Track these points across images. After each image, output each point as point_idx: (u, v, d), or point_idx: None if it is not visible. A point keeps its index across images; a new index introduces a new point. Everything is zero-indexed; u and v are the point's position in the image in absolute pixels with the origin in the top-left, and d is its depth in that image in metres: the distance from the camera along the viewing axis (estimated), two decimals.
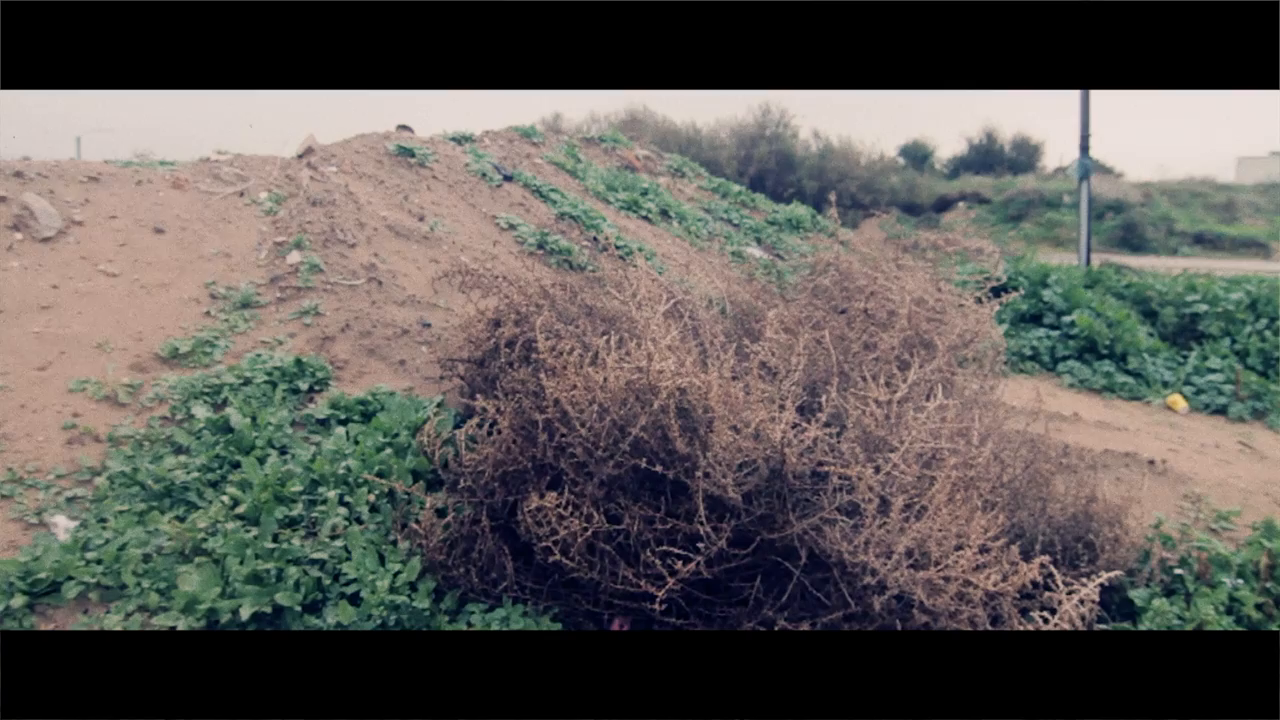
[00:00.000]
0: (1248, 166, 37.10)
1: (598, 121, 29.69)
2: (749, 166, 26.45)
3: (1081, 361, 6.51)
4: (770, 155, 26.97)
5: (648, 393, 2.78)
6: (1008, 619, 2.68)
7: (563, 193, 6.62)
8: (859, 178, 26.73)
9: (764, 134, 28.02)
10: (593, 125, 28.35)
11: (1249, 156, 39.32)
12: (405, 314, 4.47)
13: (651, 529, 2.86)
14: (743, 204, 9.10)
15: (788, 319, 3.45)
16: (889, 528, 2.60)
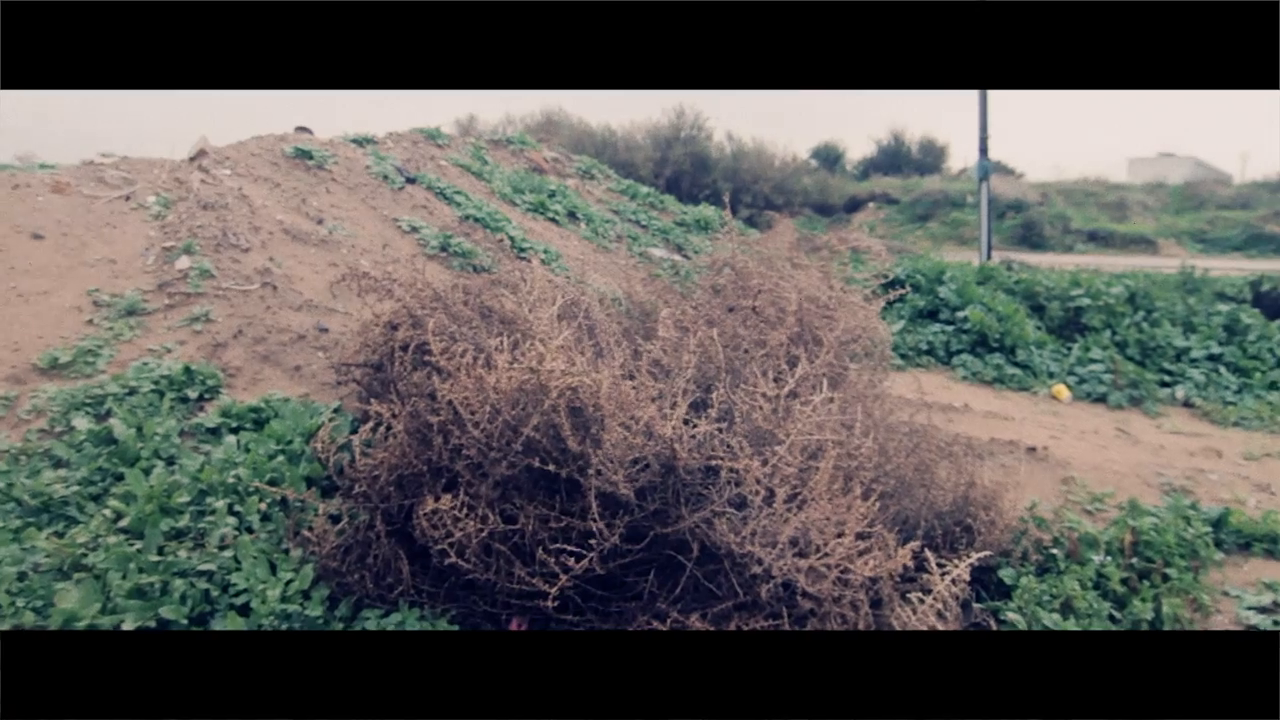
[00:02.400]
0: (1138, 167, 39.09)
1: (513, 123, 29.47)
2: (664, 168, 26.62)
3: (974, 355, 6.79)
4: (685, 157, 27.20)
5: (539, 393, 2.81)
6: (888, 602, 2.80)
7: (467, 195, 6.58)
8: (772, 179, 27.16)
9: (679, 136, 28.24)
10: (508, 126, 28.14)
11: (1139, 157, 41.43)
12: (301, 319, 4.40)
13: (547, 528, 2.89)
14: (651, 205, 9.18)
15: (681, 317, 3.52)
16: (774, 518, 2.69)
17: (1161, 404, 6.32)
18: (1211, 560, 3.67)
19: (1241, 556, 3.78)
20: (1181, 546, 3.56)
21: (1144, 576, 3.37)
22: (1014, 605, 2.94)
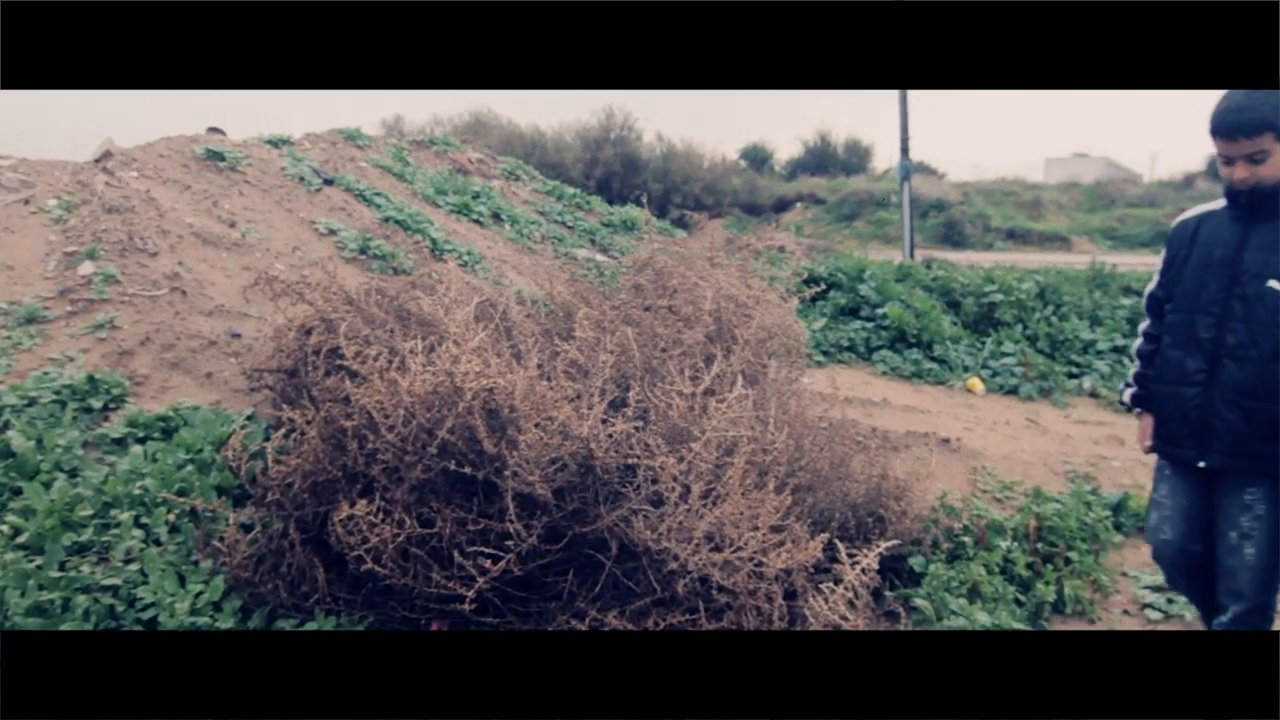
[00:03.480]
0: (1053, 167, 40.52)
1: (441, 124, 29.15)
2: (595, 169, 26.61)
3: (893, 350, 6.97)
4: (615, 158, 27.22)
5: (453, 395, 2.80)
6: (802, 593, 2.86)
7: (388, 196, 6.49)
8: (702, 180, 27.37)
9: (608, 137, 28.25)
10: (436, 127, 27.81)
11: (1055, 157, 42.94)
12: (213, 325, 4.29)
13: (465, 530, 2.88)
14: (578, 206, 9.18)
15: (600, 317, 3.53)
16: (690, 514, 2.72)
17: (1070, 395, 6.58)
18: (1111, 543, 3.84)
19: (1139, 538, 3.96)
20: (1083, 530, 3.72)
21: (1048, 560, 3.51)
22: (923, 592, 3.03)
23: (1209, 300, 2.41)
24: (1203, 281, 2.43)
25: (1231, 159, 2.32)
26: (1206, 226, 2.49)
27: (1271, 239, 2.32)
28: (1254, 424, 2.33)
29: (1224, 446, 2.40)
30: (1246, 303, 2.34)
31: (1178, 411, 2.49)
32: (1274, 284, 2.29)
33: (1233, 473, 2.41)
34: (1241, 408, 2.35)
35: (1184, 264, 2.52)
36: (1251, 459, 2.36)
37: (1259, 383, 2.31)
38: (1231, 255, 2.38)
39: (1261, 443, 2.33)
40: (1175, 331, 2.52)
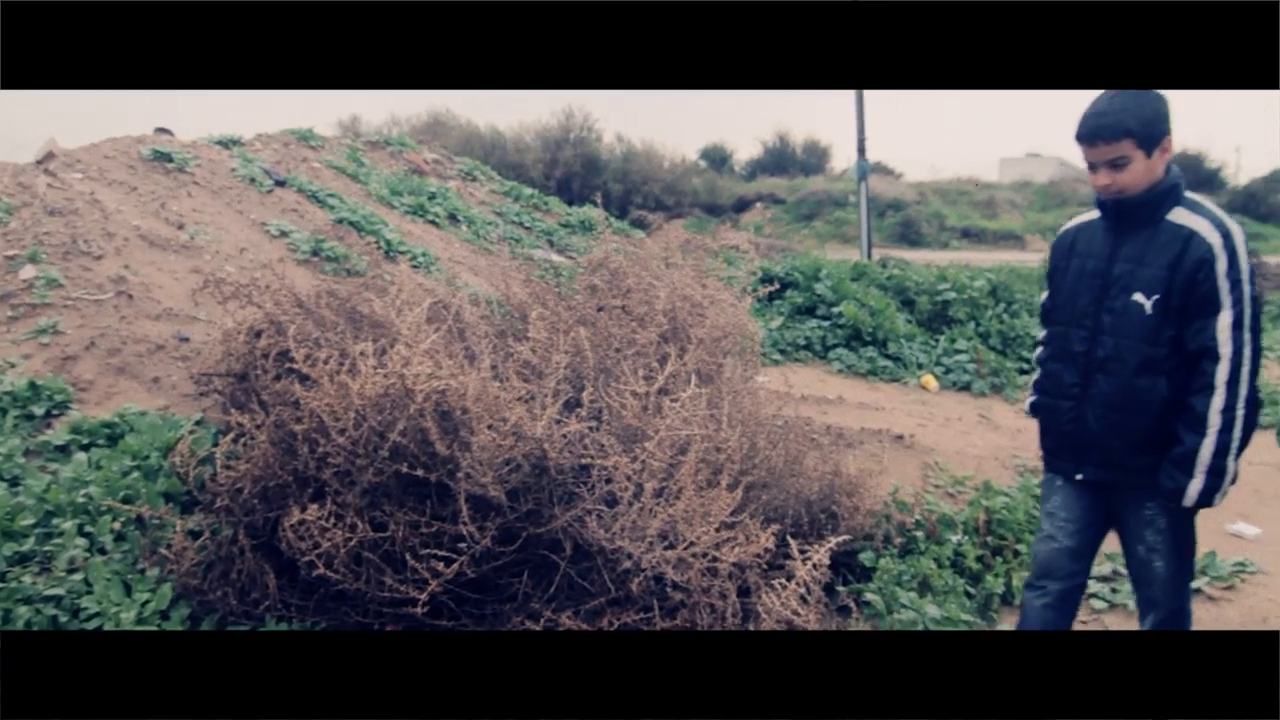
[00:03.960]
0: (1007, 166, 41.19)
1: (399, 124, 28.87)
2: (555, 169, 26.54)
3: (849, 349, 7.05)
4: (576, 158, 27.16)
5: (404, 397, 2.78)
6: (755, 590, 2.89)
7: (342, 198, 6.42)
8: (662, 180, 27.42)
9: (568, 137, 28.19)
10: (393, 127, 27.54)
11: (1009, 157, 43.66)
12: (160, 329, 4.21)
13: (418, 533, 2.86)
14: (535, 207, 9.16)
15: (554, 318, 3.53)
16: (643, 513, 2.73)
17: (1021, 390, 6.71)
18: None
19: None
20: (1031, 524, 3.79)
21: (997, 553, 3.58)
22: (874, 586, 3.07)
23: (1082, 313, 2.37)
24: (1077, 293, 2.39)
25: (1095, 165, 2.28)
26: (1083, 237, 2.45)
27: (1139, 251, 2.28)
28: (1123, 437, 2.30)
29: (1097, 459, 2.37)
30: (1115, 315, 2.30)
31: (1055, 424, 2.47)
32: (1139, 297, 2.25)
33: (1124, 487, 2.38)
34: (1110, 421, 2.32)
35: (1063, 275, 2.47)
36: (1124, 472, 2.33)
37: (1126, 396, 2.28)
38: (1103, 267, 2.34)
39: (1131, 456, 2.30)
40: (1054, 344, 2.49)
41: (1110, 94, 2.25)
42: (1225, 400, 2.16)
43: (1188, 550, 2.37)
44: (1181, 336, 2.22)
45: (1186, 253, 2.19)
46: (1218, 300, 2.16)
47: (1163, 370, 2.24)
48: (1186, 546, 2.37)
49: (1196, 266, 2.17)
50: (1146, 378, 2.25)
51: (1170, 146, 2.27)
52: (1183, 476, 2.21)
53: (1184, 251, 2.19)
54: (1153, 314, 2.23)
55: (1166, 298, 2.21)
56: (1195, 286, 2.18)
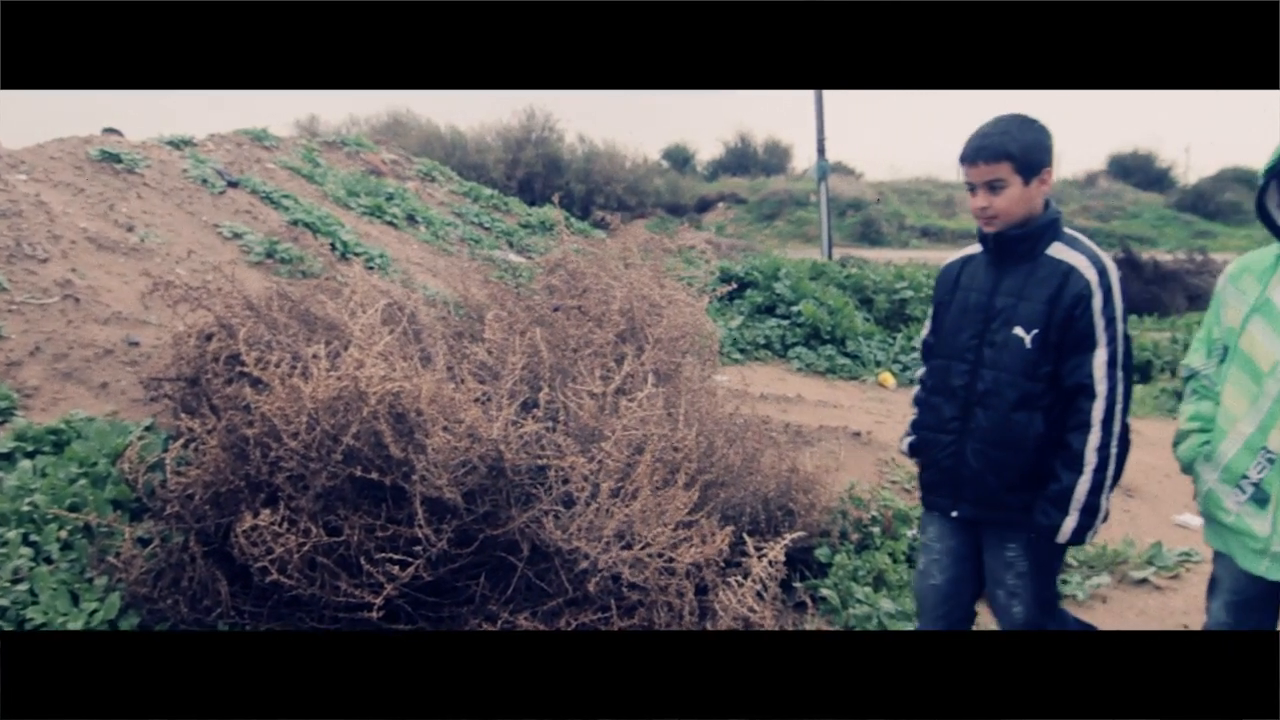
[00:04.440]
0: None
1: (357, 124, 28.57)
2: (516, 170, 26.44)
3: (808, 347, 7.12)
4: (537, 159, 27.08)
5: (357, 400, 2.75)
6: (712, 588, 2.90)
7: (297, 199, 6.33)
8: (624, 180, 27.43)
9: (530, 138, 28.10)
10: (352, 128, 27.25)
11: None
12: (109, 333, 4.13)
13: (373, 537, 2.83)
14: (495, 208, 9.11)
15: (511, 318, 3.52)
16: (600, 513, 2.74)
17: None
18: None
19: None
20: None
21: None
22: (830, 582, 3.11)
23: (963, 346, 2.33)
24: (960, 327, 2.35)
25: (973, 186, 2.27)
26: (968, 270, 2.41)
27: (1019, 285, 2.26)
28: (1000, 474, 2.27)
29: (973, 496, 2.33)
30: (995, 349, 2.27)
31: (934, 459, 2.42)
32: (1019, 331, 2.23)
33: (989, 524, 2.36)
34: (988, 457, 2.28)
35: (947, 310, 2.43)
36: (999, 509, 2.30)
37: (1004, 432, 2.25)
38: (985, 301, 2.31)
39: (1007, 492, 2.27)
40: (935, 378, 2.44)
41: (996, 118, 2.26)
42: (1101, 439, 2.16)
43: (1047, 594, 2.35)
44: (1058, 372, 2.21)
45: (1065, 288, 2.19)
46: (1094, 337, 2.17)
47: (1039, 406, 2.22)
48: (1046, 591, 2.35)
49: (1074, 302, 2.17)
50: (1024, 413, 2.23)
51: (1050, 180, 2.27)
52: (1058, 514, 2.20)
53: (1063, 287, 2.19)
54: (1032, 348, 2.21)
55: (1045, 332, 2.20)
56: (1073, 322, 2.18)
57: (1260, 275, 2.07)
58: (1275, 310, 2.02)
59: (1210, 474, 2.15)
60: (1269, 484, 2.00)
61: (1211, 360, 2.20)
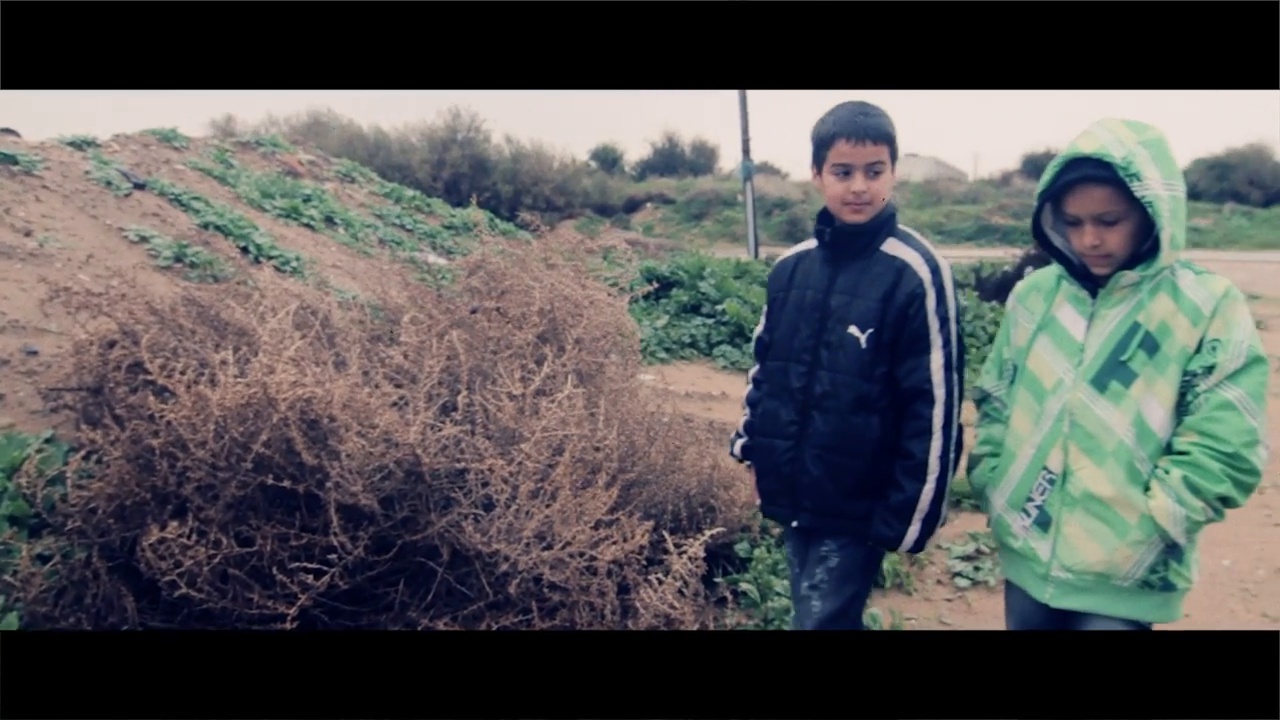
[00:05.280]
0: None
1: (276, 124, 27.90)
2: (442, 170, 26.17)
3: (732, 345, 7.20)
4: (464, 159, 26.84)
5: (267, 407, 2.69)
6: (634, 587, 2.92)
7: (208, 201, 6.14)
8: (552, 181, 27.39)
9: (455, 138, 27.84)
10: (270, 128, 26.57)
11: None
12: (5, 342, 3.95)
13: (287, 547, 2.77)
14: (418, 209, 8.98)
15: (429, 321, 3.48)
16: (520, 515, 2.73)
17: None
18: None
19: (954, 512, 4.25)
20: None
21: None
22: (749, 576, 3.15)
23: (801, 347, 2.21)
24: (796, 327, 2.22)
25: (851, 169, 2.10)
26: (802, 267, 2.30)
27: (854, 282, 2.16)
28: (838, 480, 2.16)
29: (812, 504, 2.21)
30: (832, 350, 2.16)
31: (771, 466, 2.29)
32: (854, 330, 2.13)
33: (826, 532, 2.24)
34: (826, 463, 2.16)
35: (782, 308, 2.30)
36: (839, 518, 2.19)
37: (841, 436, 2.15)
38: (821, 299, 2.19)
39: (847, 500, 2.17)
40: (772, 380, 2.30)
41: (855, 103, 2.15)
42: (942, 445, 2.10)
43: (851, 595, 2.25)
44: (894, 374, 2.13)
45: (899, 286, 2.10)
46: (928, 338, 2.09)
47: (876, 408, 2.13)
48: (850, 590, 2.24)
49: (908, 300, 2.09)
50: (861, 415, 2.13)
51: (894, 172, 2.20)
52: (900, 524, 2.12)
53: (896, 284, 2.10)
54: (867, 348, 2.12)
55: (880, 331, 2.11)
56: (906, 321, 2.09)
57: (1047, 294, 2.04)
58: (1059, 328, 1.98)
59: (999, 499, 2.08)
60: (1050, 506, 1.95)
61: (1002, 381, 2.16)
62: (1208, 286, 1.83)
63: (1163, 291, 1.86)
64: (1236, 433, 1.75)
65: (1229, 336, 1.78)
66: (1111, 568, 1.88)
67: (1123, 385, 1.86)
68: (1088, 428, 1.89)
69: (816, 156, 2.17)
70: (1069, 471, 1.91)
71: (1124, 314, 1.88)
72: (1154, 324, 1.84)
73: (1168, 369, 1.82)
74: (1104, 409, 1.88)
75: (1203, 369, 1.79)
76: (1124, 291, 1.88)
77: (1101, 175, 1.80)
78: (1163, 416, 1.84)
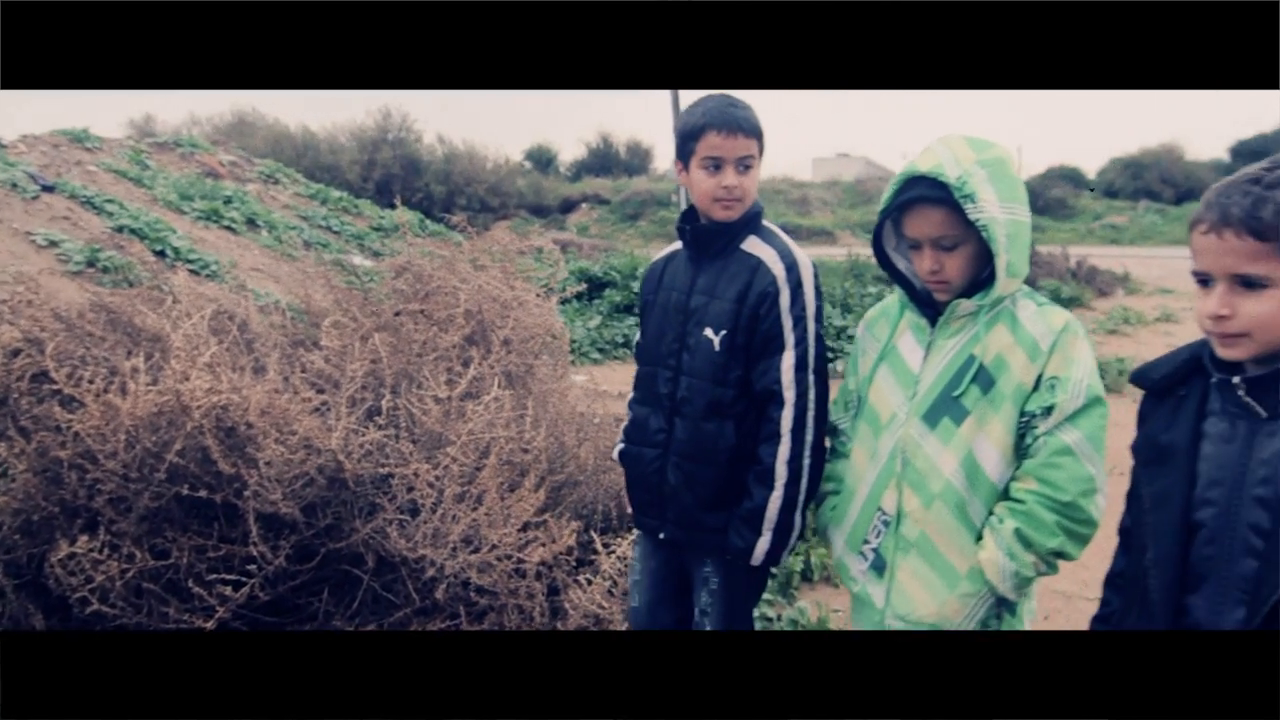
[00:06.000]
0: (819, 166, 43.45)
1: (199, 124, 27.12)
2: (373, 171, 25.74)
3: None
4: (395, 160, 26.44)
5: (181, 415, 2.62)
6: (564, 588, 2.92)
7: (122, 204, 5.93)
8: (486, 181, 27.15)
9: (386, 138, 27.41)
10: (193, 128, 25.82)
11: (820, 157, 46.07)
12: None
13: (205, 559, 2.71)
14: (344, 210, 8.82)
15: (352, 324, 3.42)
16: (446, 519, 2.70)
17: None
18: None
19: None
20: None
21: None
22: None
23: (666, 351, 2.10)
24: (663, 330, 2.12)
25: (722, 162, 1.99)
26: (670, 269, 2.19)
27: (712, 282, 2.05)
28: (694, 490, 2.06)
29: (674, 515, 2.11)
30: (691, 353, 2.06)
31: (640, 475, 2.19)
32: (709, 332, 2.02)
33: (687, 546, 2.16)
34: (683, 471, 2.07)
35: (651, 310, 2.21)
36: (699, 530, 2.09)
37: (695, 444, 2.05)
38: (684, 300, 2.09)
39: (704, 511, 2.06)
40: (641, 386, 2.22)
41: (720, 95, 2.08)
42: (791, 450, 1.98)
43: (739, 616, 2.16)
44: (749, 377, 2.02)
45: (752, 284, 1.99)
46: (782, 338, 1.98)
47: (730, 414, 2.03)
48: (738, 612, 2.16)
49: (760, 300, 1.98)
50: (714, 422, 2.03)
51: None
52: (750, 534, 2.00)
53: (750, 283, 2.00)
54: (720, 350, 2.02)
55: (734, 333, 2.00)
56: (759, 321, 1.98)
57: (893, 321, 1.91)
58: (898, 358, 1.84)
59: (839, 540, 1.93)
60: (885, 549, 1.80)
61: (847, 414, 2.01)
62: (1047, 320, 1.70)
63: (1001, 322, 1.72)
64: (1074, 480, 1.62)
65: (1068, 374, 1.65)
66: (942, 619, 1.75)
67: (954, 422, 1.72)
68: (918, 466, 1.75)
69: (683, 150, 2.06)
70: (902, 513, 1.77)
71: (960, 345, 1.74)
72: (989, 357, 1.71)
73: (1002, 407, 1.68)
74: (933, 447, 1.74)
75: (1041, 409, 1.65)
76: (961, 321, 1.75)
77: (937, 196, 1.67)
78: (996, 458, 1.70)
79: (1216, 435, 1.34)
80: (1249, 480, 1.28)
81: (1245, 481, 1.29)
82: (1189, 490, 1.35)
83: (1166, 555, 1.40)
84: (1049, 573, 1.70)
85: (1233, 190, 1.24)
